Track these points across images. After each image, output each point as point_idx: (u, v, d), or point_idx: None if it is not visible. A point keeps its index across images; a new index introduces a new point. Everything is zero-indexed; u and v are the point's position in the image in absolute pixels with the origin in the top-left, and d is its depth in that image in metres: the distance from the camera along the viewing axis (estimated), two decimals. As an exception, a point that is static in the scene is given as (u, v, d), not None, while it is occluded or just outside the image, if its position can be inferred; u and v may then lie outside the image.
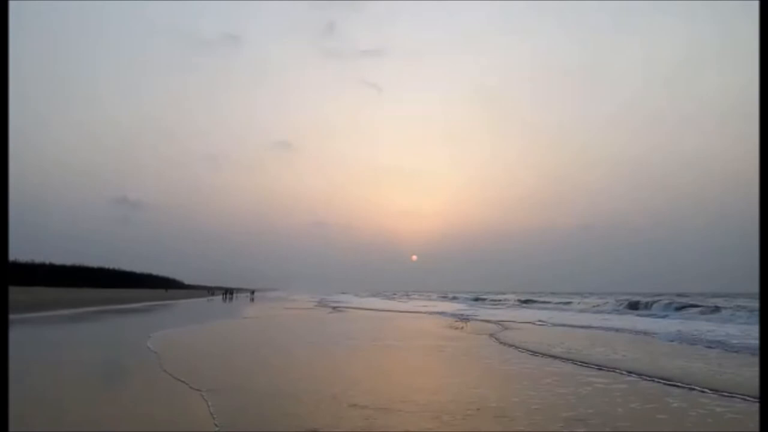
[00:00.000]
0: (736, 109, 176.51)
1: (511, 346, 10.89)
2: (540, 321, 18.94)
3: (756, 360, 8.92)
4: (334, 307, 33.44)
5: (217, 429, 4.34)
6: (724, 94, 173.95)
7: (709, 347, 10.79)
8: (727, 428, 4.63)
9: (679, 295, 61.29)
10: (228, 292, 74.30)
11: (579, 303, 38.02)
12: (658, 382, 6.74)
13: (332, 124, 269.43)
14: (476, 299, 52.30)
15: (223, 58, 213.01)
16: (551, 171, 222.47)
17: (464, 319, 19.82)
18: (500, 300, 49.16)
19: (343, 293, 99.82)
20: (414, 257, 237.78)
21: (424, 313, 26.88)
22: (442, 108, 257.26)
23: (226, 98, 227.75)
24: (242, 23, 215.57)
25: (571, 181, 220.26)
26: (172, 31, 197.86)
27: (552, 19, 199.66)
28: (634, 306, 29.65)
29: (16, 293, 25.43)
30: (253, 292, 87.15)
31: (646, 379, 6.92)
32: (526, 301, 44.99)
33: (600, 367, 7.88)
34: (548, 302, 42.17)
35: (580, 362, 8.42)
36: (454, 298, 58.02)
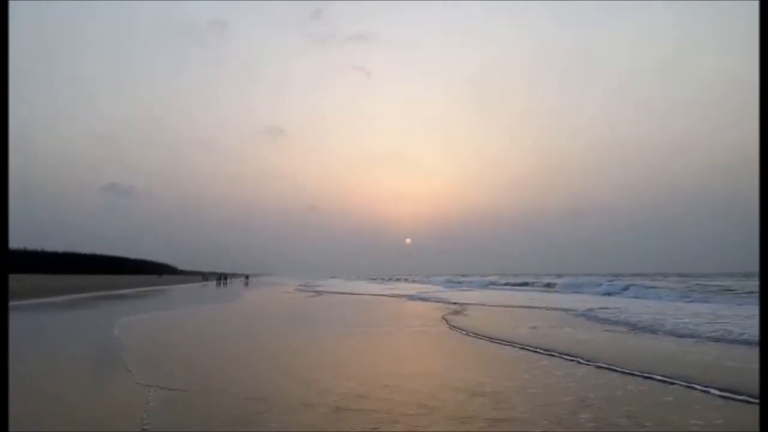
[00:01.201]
0: (726, 96, 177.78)
1: (451, 327, 12.58)
2: (482, 303, 20.77)
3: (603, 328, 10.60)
4: (317, 292, 35.21)
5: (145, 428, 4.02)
6: (714, 81, 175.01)
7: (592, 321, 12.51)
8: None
9: (661, 275, 63.37)
10: (222, 278, 75.95)
11: (542, 283, 40.44)
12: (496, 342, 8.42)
13: (323, 108, 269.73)
14: (456, 282, 54.63)
15: (212, 44, 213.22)
16: (542, 157, 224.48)
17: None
18: (475, 281, 51.54)
19: (333, 277, 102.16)
20: (408, 241, 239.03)
21: (388, 296, 28.63)
22: (434, 94, 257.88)
23: (216, 85, 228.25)
24: (229, 9, 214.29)
25: (561, 166, 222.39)
26: (161, 19, 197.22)
27: (544, 6, 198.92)
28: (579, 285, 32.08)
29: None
30: (247, 277, 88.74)
31: (495, 342, 8.60)
32: (506, 284, 47.34)
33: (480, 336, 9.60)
34: (513, 283, 44.28)
35: (471, 333, 10.12)
36: (434, 281, 60.43)
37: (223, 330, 12.16)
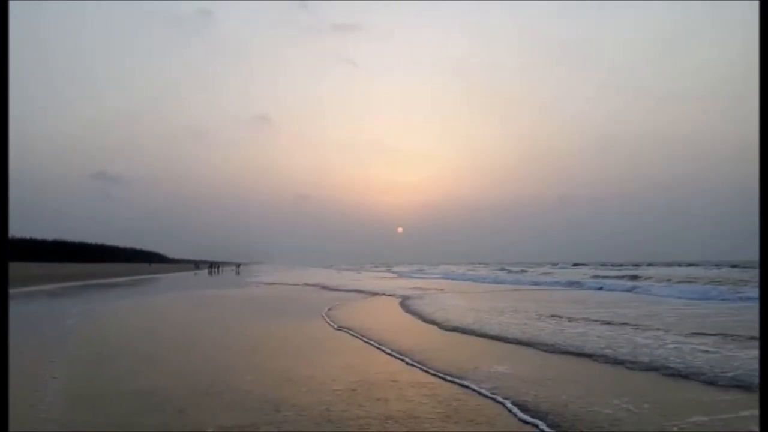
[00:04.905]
0: (720, 87, 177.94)
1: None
2: (385, 292, 23.99)
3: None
4: (264, 283, 35.99)
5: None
6: (708, 71, 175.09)
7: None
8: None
9: (650, 264, 66.28)
10: (213, 266, 78.65)
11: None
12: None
13: (311, 98, 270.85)
14: (419, 271, 59.08)
15: (199, 34, 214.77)
16: (533, 145, 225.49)
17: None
18: (429, 272, 55.59)
19: (312, 267, 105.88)
20: (400, 229, 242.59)
21: (319, 286, 31.51)
22: (422, 84, 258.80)
23: (204, 74, 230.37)
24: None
25: (552, 155, 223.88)
26: (149, 8, 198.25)
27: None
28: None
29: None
30: (238, 266, 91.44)
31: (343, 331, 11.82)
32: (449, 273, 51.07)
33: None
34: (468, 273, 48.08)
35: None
36: (394, 270, 64.99)
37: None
